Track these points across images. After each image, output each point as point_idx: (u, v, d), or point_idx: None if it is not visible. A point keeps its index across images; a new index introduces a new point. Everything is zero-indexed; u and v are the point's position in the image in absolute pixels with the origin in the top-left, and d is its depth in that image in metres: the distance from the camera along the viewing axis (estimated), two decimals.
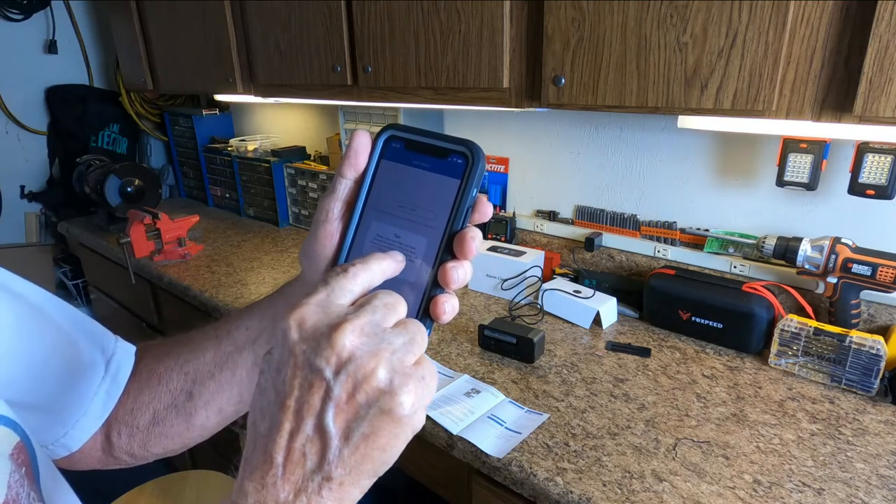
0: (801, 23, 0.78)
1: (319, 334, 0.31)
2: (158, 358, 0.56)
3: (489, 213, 0.38)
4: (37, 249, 2.45)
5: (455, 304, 0.37)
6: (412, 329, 0.34)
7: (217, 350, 0.52)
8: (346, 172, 0.39)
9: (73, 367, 0.52)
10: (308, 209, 2.04)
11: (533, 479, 0.82)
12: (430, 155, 0.38)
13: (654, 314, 1.25)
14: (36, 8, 2.28)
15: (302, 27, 1.44)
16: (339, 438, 0.31)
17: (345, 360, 0.31)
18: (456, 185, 0.37)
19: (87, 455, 0.54)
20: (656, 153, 1.33)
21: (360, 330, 0.32)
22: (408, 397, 0.31)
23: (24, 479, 0.41)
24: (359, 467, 0.31)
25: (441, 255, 0.37)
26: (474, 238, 0.36)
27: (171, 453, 0.56)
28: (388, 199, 0.39)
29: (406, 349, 0.32)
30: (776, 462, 0.83)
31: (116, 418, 0.54)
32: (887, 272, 1.00)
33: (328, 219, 0.39)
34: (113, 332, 0.59)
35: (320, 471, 0.31)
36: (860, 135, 0.96)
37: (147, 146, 2.70)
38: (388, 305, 0.34)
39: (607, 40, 0.94)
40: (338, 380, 0.31)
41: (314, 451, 0.31)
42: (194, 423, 0.54)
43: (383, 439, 0.31)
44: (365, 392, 0.31)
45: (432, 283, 0.37)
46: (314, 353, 0.31)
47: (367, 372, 0.31)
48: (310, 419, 0.31)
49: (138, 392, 0.55)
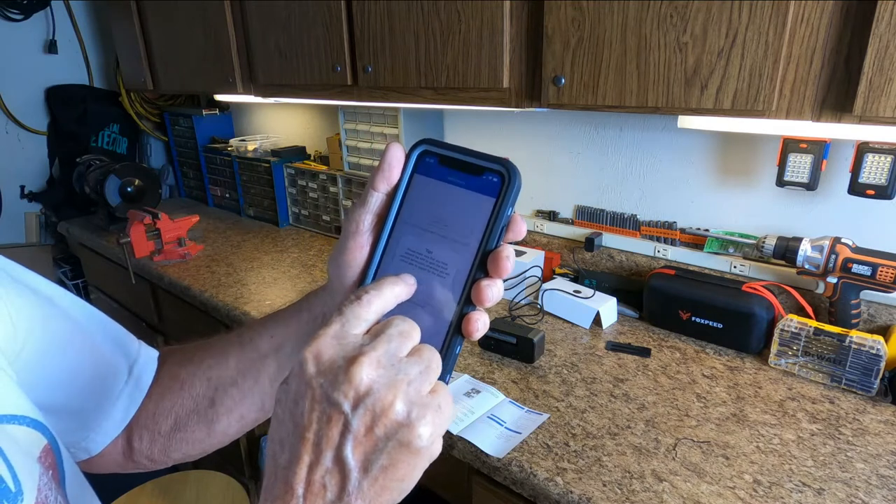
0: (801, 23, 0.78)
1: (337, 367, 0.32)
2: (181, 363, 0.56)
3: (523, 231, 0.38)
4: (37, 249, 2.45)
5: (486, 321, 0.37)
6: (426, 356, 0.34)
7: (240, 357, 0.52)
8: (379, 185, 0.38)
9: (97, 371, 0.52)
10: (308, 209, 2.04)
11: (533, 479, 0.82)
12: (464, 171, 0.38)
13: (654, 314, 1.25)
14: (36, 8, 2.28)
15: (302, 27, 1.44)
16: (358, 471, 0.31)
17: (363, 394, 0.31)
18: (491, 203, 0.37)
19: (108, 459, 0.54)
20: (656, 153, 1.33)
21: (376, 362, 0.32)
22: (426, 429, 0.32)
23: (51, 482, 0.41)
24: (377, 498, 0.32)
25: (475, 273, 0.37)
26: (509, 257, 0.36)
27: (189, 458, 0.56)
28: (420, 213, 0.38)
29: (422, 378, 0.33)
30: (776, 462, 0.83)
31: (138, 423, 0.54)
32: (887, 272, 1.00)
33: (359, 230, 0.39)
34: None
35: (340, 501, 0.31)
36: (860, 135, 0.96)
37: (147, 146, 2.70)
38: (402, 333, 0.34)
39: (607, 40, 0.94)
40: (356, 413, 0.31)
41: (334, 482, 0.31)
42: (215, 430, 0.54)
43: (402, 471, 0.32)
44: (384, 425, 0.31)
45: (465, 301, 0.37)
46: (332, 386, 0.31)
47: (385, 405, 0.31)
48: (329, 452, 0.31)
49: (160, 397, 0.55)
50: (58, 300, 0.51)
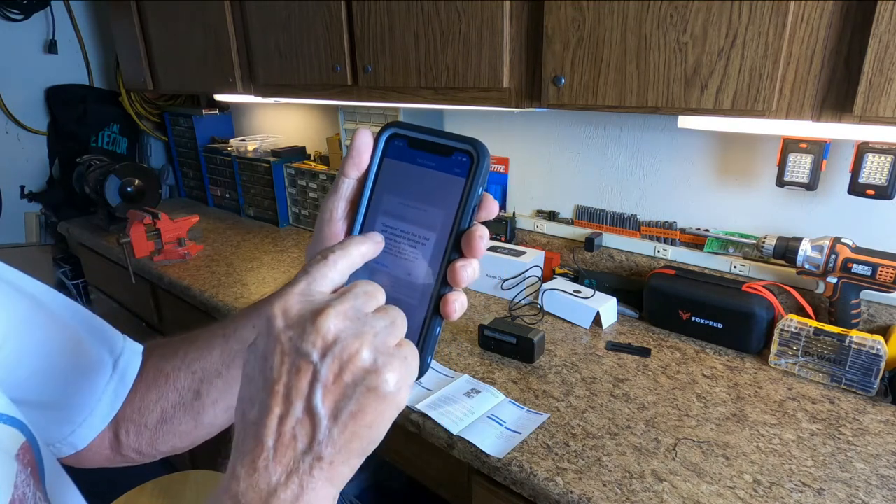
0: (801, 23, 0.78)
1: (304, 320, 0.32)
2: (165, 357, 0.56)
3: (495, 210, 0.38)
4: (37, 249, 2.45)
5: (464, 301, 0.37)
6: (392, 314, 0.34)
7: (224, 348, 0.53)
8: (349, 171, 0.39)
9: (80, 366, 0.53)
10: (308, 209, 2.04)
11: (533, 479, 0.82)
12: (434, 153, 0.38)
13: (654, 314, 1.25)
14: (36, 8, 2.28)
15: (302, 27, 1.44)
16: (328, 419, 0.32)
17: (330, 343, 0.32)
18: (461, 183, 0.37)
19: (95, 453, 0.55)
20: (656, 153, 1.33)
21: (343, 314, 0.32)
22: (392, 375, 0.32)
23: (30, 479, 0.41)
24: (348, 446, 0.32)
25: (449, 254, 0.37)
26: (482, 236, 0.36)
27: (179, 451, 0.56)
28: (392, 197, 0.39)
29: (388, 331, 0.33)
30: (776, 462, 0.83)
31: (124, 417, 0.54)
32: (887, 272, 1.00)
33: (332, 218, 0.39)
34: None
35: (311, 451, 0.32)
36: (860, 135, 0.96)
37: (147, 146, 2.70)
38: (367, 293, 0.34)
39: (607, 40, 0.94)
40: (324, 362, 0.31)
41: (304, 432, 0.32)
42: (202, 421, 0.54)
43: (370, 416, 0.32)
44: (351, 372, 0.32)
45: (441, 282, 0.37)
46: (300, 338, 0.32)
47: (351, 353, 0.32)
48: (299, 402, 0.32)
49: (146, 391, 0.55)
50: (40, 297, 0.52)
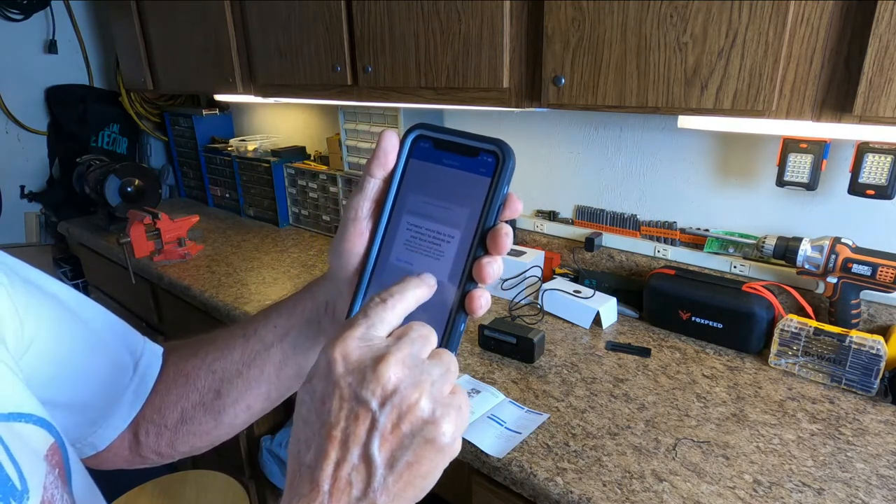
0: (801, 23, 0.78)
1: (364, 367, 0.33)
2: (185, 357, 0.56)
3: (519, 209, 0.39)
4: (37, 249, 2.45)
5: (488, 298, 0.38)
6: (446, 360, 0.35)
7: (245, 348, 0.53)
8: (375, 172, 0.40)
9: (103, 367, 0.53)
10: (308, 209, 2.04)
11: (533, 479, 0.82)
12: (459, 154, 0.39)
13: (654, 314, 1.25)
14: (36, 8, 2.28)
15: (302, 27, 1.44)
16: (384, 467, 0.32)
17: (390, 393, 0.32)
18: (487, 182, 0.38)
19: (115, 454, 0.55)
20: (656, 153, 1.33)
21: (401, 362, 0.33)
22: (449, 426, 0.33)
23: (58, 480, 0.41)
24: (402, 494, 0.33)
25: (475, 251, 0.38)
26: (508, 234, 0.37)
27: (197, 451, 0.57)
28: (417, 197, 0.39)
29: (444, 379, 0.34)
30: (776, 462, 0.83)
31: (144, 417, 0.55)
32: (887, 272, 1.00)
33: (357, 217, 0.40)
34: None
35: (365, 498, 0.32)
36: (860, 135, 0.96)
37: (147, 146, 2.70)
38: (423, 337, 0.35)
39: (607, 40, 0.94)
40: (383, 411, 0.32)
41: (360, 479, 0.32)
42: (222, 421, 0.54)
43: (425, 467, 0.33)
44: (409, 422, 0.32)
45: (466, 279, 0.38)
46: (360, 385, 0.32)
47: (411, 403, 0.32)
48: (356, 449, 0.32)
49: (166, 391, 0.55)
50: (63, 297, 0.52)
